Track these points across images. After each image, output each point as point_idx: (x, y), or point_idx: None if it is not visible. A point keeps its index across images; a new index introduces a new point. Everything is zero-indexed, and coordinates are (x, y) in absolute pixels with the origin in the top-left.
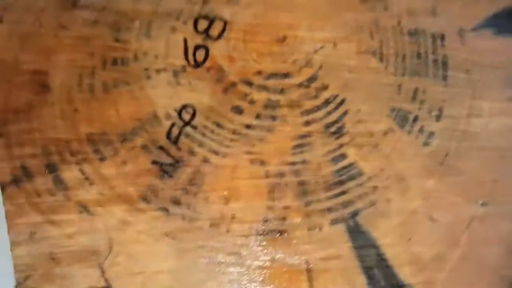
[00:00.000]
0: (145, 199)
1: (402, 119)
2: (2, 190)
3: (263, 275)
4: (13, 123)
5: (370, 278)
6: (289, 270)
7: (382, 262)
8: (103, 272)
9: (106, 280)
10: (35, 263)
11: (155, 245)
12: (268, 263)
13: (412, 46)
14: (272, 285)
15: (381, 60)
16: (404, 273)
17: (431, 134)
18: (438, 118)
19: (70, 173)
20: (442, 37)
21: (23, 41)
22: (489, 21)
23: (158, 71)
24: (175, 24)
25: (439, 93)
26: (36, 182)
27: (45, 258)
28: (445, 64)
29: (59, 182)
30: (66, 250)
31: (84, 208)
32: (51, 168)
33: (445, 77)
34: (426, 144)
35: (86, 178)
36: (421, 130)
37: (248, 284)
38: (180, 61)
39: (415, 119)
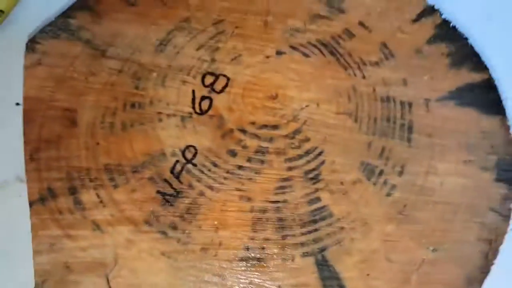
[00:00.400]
0: (148, 222)
1: (370, 172)
2: (30, 206)
3: None
4: (44, 151)
5: None
6: None
7: None
8: (108, 282)
9: None
10: (52, 270)
11: (154, 262)
12: (246, 286)
13: (383, 110)
14: None
15: (355, 120)
16: None
17: (393, 186)
18: (400, 173)
19: (88, 196)
20: (410, 105)
21: (57, 83)
22: (452, 94)
23: (168, 115)
24: (186, 78)
25: (403, 152)
26: (59, 202)
27: (61, 266)
28: (410, 128)
29: (78, 203)
30: (79, 261)
31: (97, 226)
32: (72, 191)
33: (409, 139)
34: (388, 195)
35: (101, 201)
36: (385, 182)
37: None
38: (187, 108)
39: (381, 173)
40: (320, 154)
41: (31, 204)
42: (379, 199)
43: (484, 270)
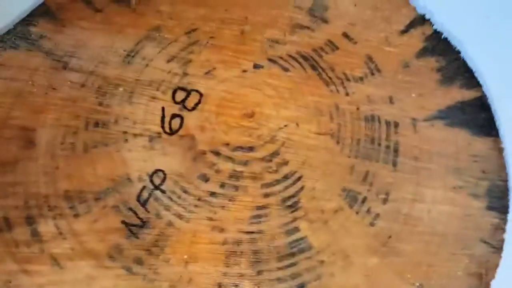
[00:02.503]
0: (111, 257)
1: (352, 199)
2: None
3: None
4: None
5: None
6: None
7: None
8: None
9: None
10: None
11: None
12: None
13: (368, 131)
14: None
15: (337, 142)
16: None
17: (377, 215)
18: (384, 201)
19: (46, 227)
20: (396, 125)
21: (15, 98)
22: (441, 113)
23: (135, 135)
24: (155, 93)
25: (387, 177)
26: (15, 233)
27: None
28: (396, 151)
29: (35, 235)
30: None
31: (55, 261)
32: (30, 221)
33: (394, 163)
34: (372, 224)
35: (60, 233)
36: (368, 211)
37: None
38: (156, 127)
39: (364, 200)
40: (299, 179)
41: None
42: (361, 229)
43: None
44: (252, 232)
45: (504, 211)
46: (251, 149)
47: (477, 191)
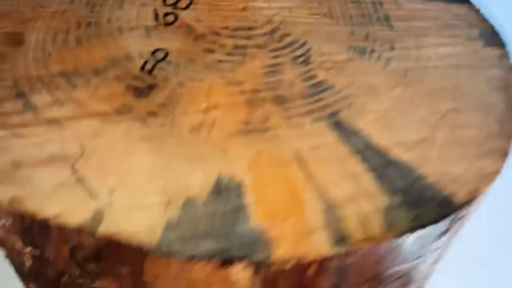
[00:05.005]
0: (120, 113)
1: (361, 52)
2: None
3: (249, 168)
4: None
5: (364, 158)
6: (277, 161)
7: (370, 146)
8: (74, 172)
9: (77, 178)
10: None
11: (131, 147)
12: (255, 157)
13: (356, 10)
14: (259, 172)
15: (331, 18)
16: (394, 153)
17: (389, 59)
18: (391, 49)
19: (40, 98)
20: (381, 3)
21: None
22: None
23: (130, 28)
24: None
25: (387, 35)
26: (4, 107)
27: (6, 164)
28: (387, 19)
29: (28, 105)
30: (31, 157)
31: (54, 121)
32: (21, 95)
33: (389, 25)
34: (386, 65)
35: (57, 100)
36: (379, 58)
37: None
38: (151, 22)
39: (372, 51)
40: (304, 44)
41: None
42: (378, 70)
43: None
44: (269, 82)
45: (502, 46)
46: (250, 28)
47: (471, 36)
